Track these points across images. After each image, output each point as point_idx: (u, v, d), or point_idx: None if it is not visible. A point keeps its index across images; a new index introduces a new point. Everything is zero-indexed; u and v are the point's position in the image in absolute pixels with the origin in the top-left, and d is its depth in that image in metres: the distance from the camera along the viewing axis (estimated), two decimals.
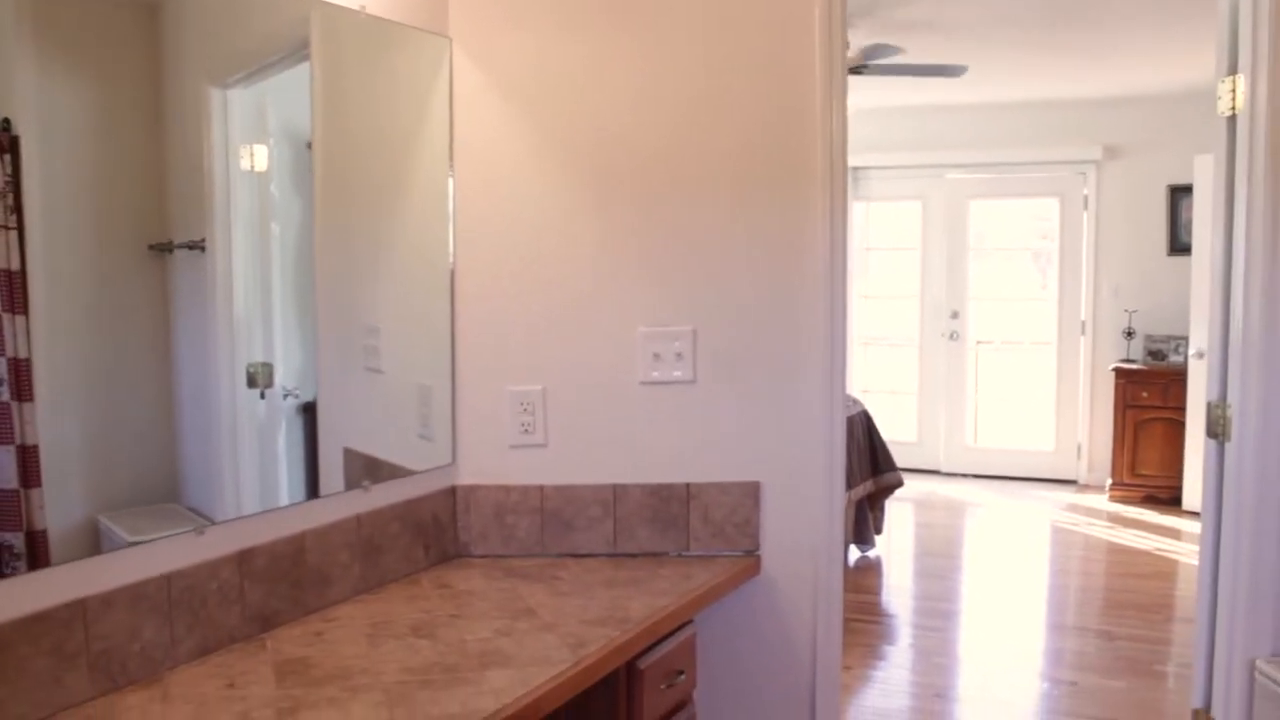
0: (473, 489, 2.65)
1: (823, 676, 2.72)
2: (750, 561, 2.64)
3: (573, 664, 1.94)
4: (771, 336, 2.66)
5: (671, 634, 2.31)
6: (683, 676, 2.32)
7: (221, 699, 1.79)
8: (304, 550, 2.21)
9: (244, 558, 2.07)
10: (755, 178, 2.64)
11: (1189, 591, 5.75)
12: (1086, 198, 8.32)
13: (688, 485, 2.66)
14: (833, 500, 2.72)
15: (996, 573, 6.15)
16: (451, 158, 2.61)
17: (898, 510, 7.51)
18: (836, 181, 2.68)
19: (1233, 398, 2.91)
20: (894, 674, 4.66)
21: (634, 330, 2.64)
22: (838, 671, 2.79)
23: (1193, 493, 7.48)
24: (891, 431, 8.93)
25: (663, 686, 2.25)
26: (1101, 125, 8.20)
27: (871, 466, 6.39)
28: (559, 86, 2.61)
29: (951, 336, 8.75)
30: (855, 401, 6.50)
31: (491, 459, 2.66)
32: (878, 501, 6.55)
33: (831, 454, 2.71)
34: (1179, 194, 8.00)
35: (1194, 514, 7.41)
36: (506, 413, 2.65)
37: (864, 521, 6.38)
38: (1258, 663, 2.88)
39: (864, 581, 5.96)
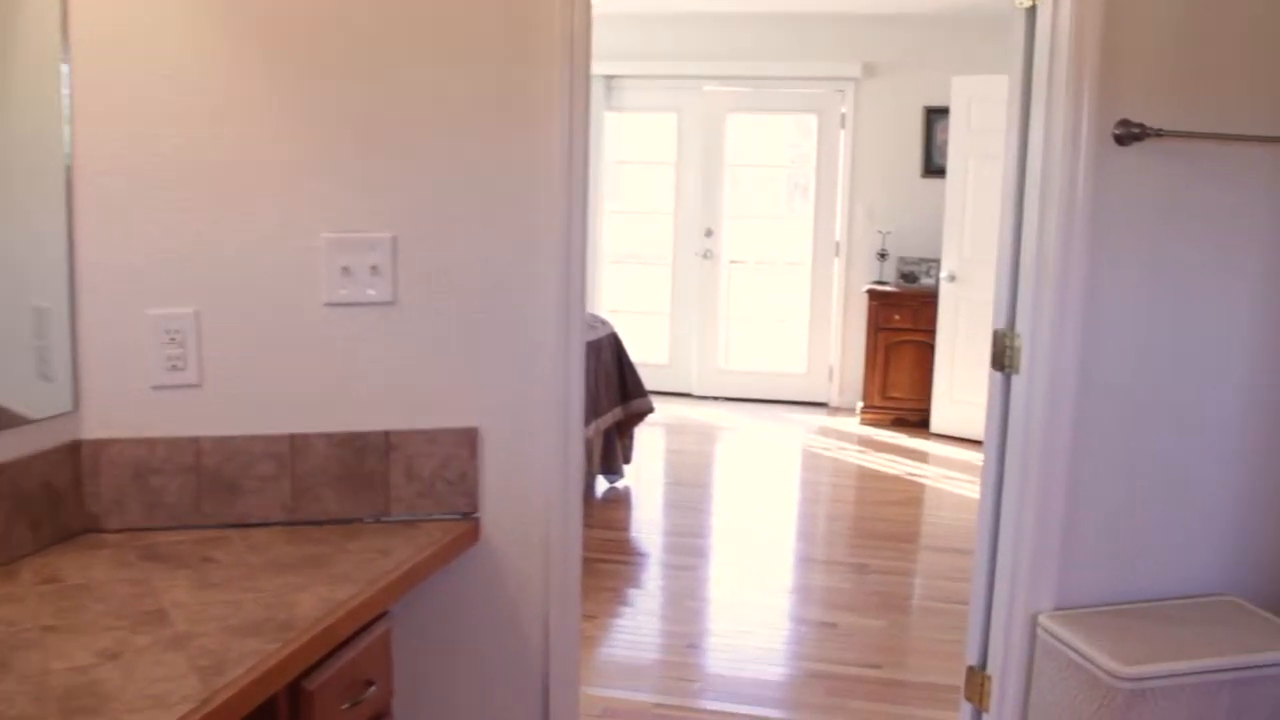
0: (104, 444, 2.02)
1: (557, 664, 2.25)
2: (467, 526, 2.14)
3: (198, 705, 1.38)
4: (494, 249, 2.13)
5: (357, 635, 1.78)
6: (374, 689, 1.79)
7: None
8: None
9: None
10: (479, 66, 2.08)
11: (938, 518, 5.63)
12: (844, 116, 8.10)
13: (387, 433, 2.12)
14: (568, 446, 2.24)
15: (749, 503, 5.88)
16: (66, 33, 1.93)
17: (648, 436, 7.18)
18: (577, 81, 2.16)
19: (1022, 327, 2.58)
20: (643, 622, 4.28)
21: (316, 237, 2.06)
22: (576, 656, 2.32)
23: (941, 416, 7.46)
24: (643, 353, 8.61)
25: (344, 707, 1.72)
26: (862, 42, 7.96)
27: (621, 393, 5.98)
28: None
29: (705, 256, 8.43)
30: (603, 322, 6.06)
31: (129, 405, 2.04)
32: (627, 429, 6.17)
33: (567, 390, 2.22)
34: (935, 116, 7.88)
35: (943, 437, 7.40)
36: (148, 343, 2.03)
37: (612, 451, 5.99)
38: (1041, 618, 2.59)
39: (612, 516, 5.58)
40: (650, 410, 6.14)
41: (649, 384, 8.33)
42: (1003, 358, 2.65)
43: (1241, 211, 2.54)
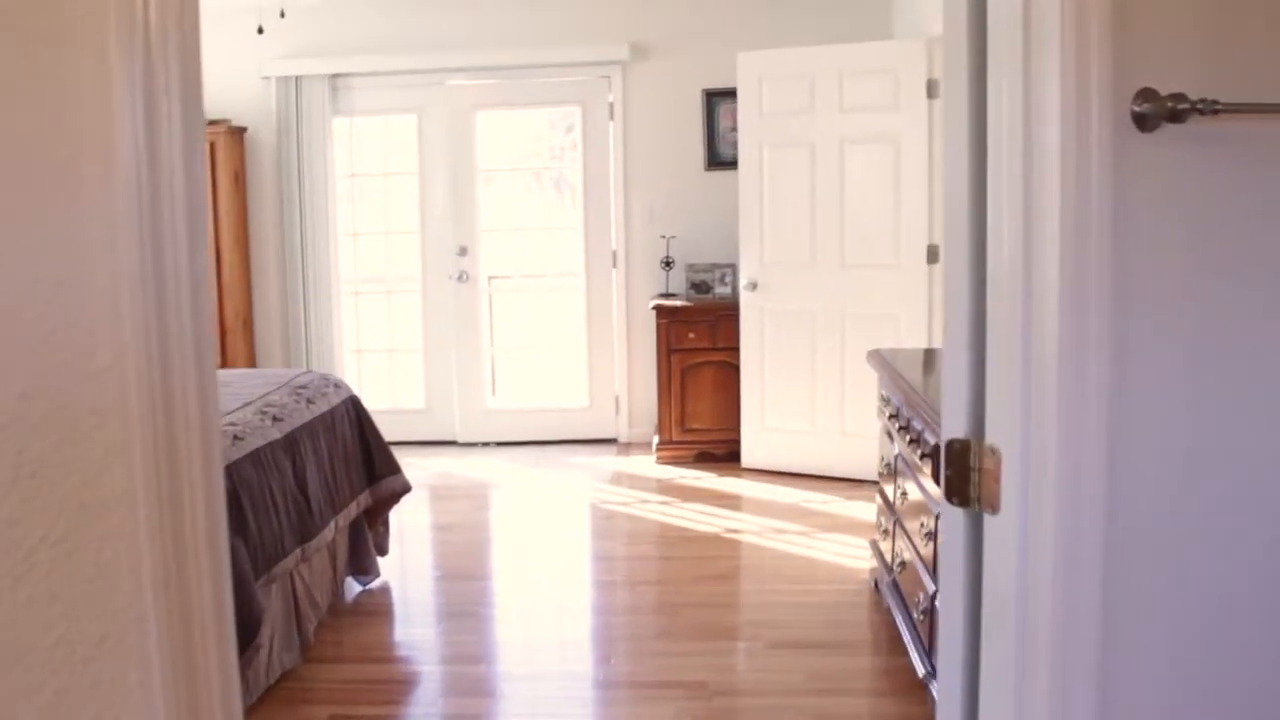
0: None
1: None
2: None
3: None
4: None
5: None
6: None
7: None
8: None
9: None
10: None
11: (774, 597, 4.65)
12: (613, 105, 7.08)
13: None
14: None
15: (538, 600, 4.76)
16: None
17: (408, 504, 5.98)
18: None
19: (1000, 435, 1.56)
20: None
21: None
22: None
23: (752, 448, 6.54)
24: (395, 398, 7.42)
25: None
26: (628, 20, 6.96)
27: (366, 473, 4.77)
28: None
29: (461, 278, 7.25)
30: (335, 386, 4.83)
31: None
32: (380, 515, 4.95)
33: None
34: (717, 99, 6.96)
35: (756, 472, 6.48)
36: None
37: (361, 545, 4.76)
38: None
39: (367, 638, 4.35)
40: (406, 489, 4.95)
41: (404, 433, 7.16)
42: (965, 486, 1.63)
43: None
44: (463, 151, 7.15)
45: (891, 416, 3.97)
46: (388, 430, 7.33)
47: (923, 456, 3.40)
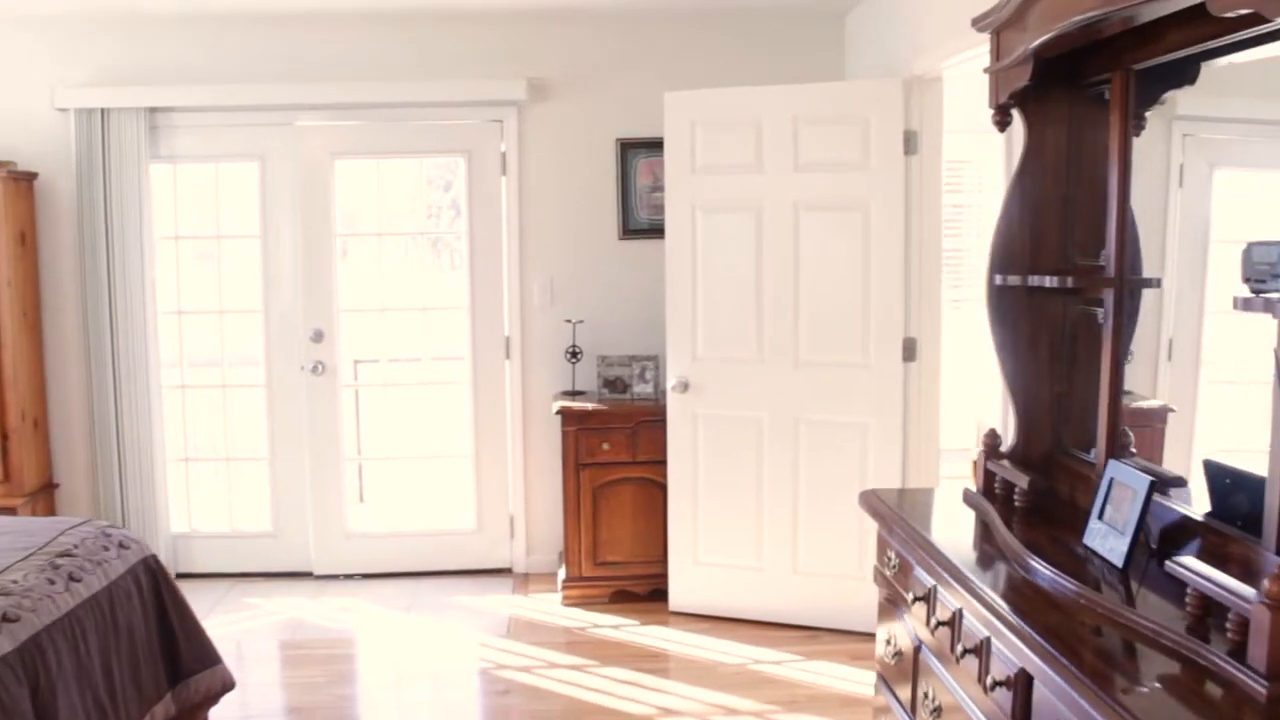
0: None
1: None
2: None
3: None
4: None
5: None
6: None
7: None
8: None
9: None
10: None
11: None
12: (505, 156, 5.87)
13: None
14: None
15: None
16: None
17: (252, 666, 4.63)
18: None
19: None
20: None
21: None
22: None
23: (684, 586, 5.33)
24: (234, 519, 6.07)
25: None
26: (526, 49, 5.77)
27: (168, 671, 3.44)
28: None
29: (315, 369, 5.92)
30: (123, 546, 3.50)
31: None
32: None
33: None
34: (634, 152, 5.81)
35: (688, 617, 5.27)
36: None
37: None
38: None
39: None
40: (227, 686, 3.64)
41: (247, 563, 5.90)
42: None
43: None
44: (317, 211, 5.85)
45: (912, 595, 2.81)
46: (226, 560, 5.98)
47: (965, 653, 2.32)
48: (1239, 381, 2.66)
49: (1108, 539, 2.52)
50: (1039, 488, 2.95)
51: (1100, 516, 2.59)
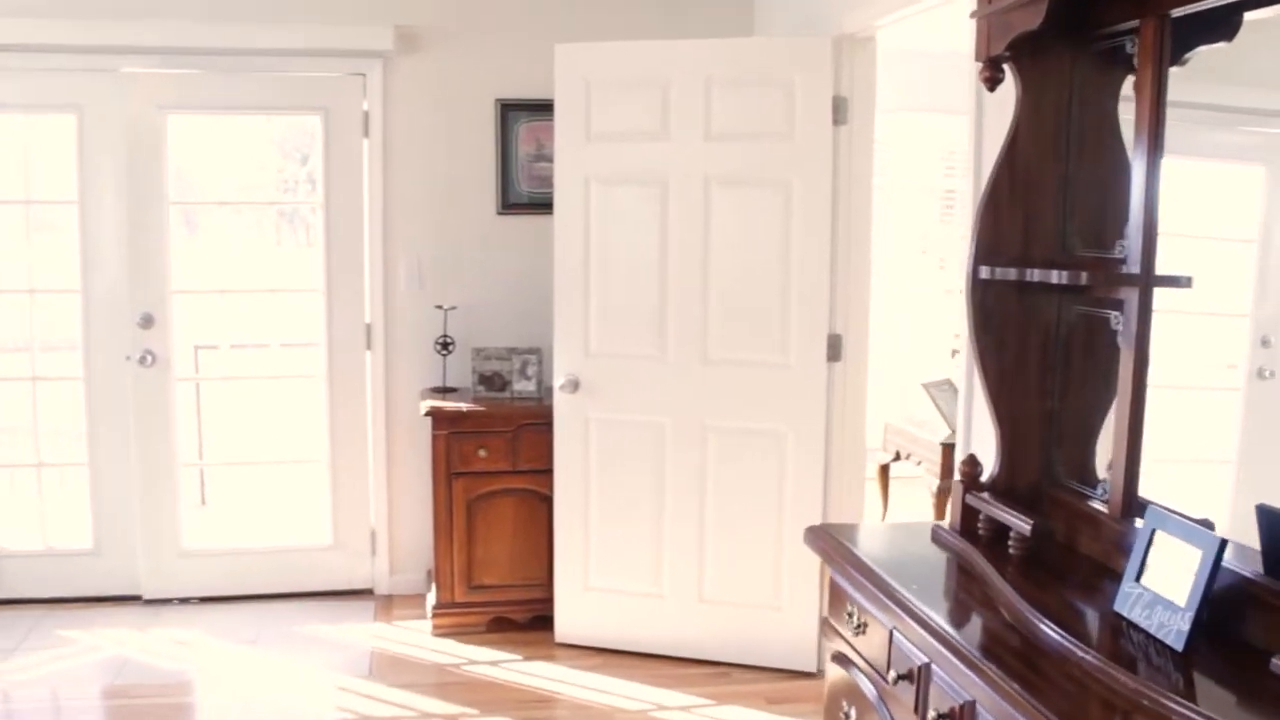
0: None
1: None
2: None
3: None
4: None
5: None
6: None
7: None
8: None
9: None
10: None
11: None
12: (368, 115, 5.15)
13: None
14: None
15: None
16: None
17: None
18: None
19: None
20: None
21: None
22: None
23: (571, 613, 4.72)
24: (48, 536, 5.34)
25: None
26: None
27: None
28: None
29: (144, 360, 5.13)
30: None
31: None
32: None
33: None
34: (516, 114, 5.15)
35: (577, 650, 4.66)
36: None
37: None
38: None
39: None
40: None
41: (64, 587, 5.66)
42: None
43: None
44: (147, 174, 5.05)
45: (895, 673, 2.25)
46: (37, 584, 5.24)
47: None
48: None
49: (1154, 611, 1.98)
50: (1042, 532, 2.41)
51: (1137, 578, 2.06)
